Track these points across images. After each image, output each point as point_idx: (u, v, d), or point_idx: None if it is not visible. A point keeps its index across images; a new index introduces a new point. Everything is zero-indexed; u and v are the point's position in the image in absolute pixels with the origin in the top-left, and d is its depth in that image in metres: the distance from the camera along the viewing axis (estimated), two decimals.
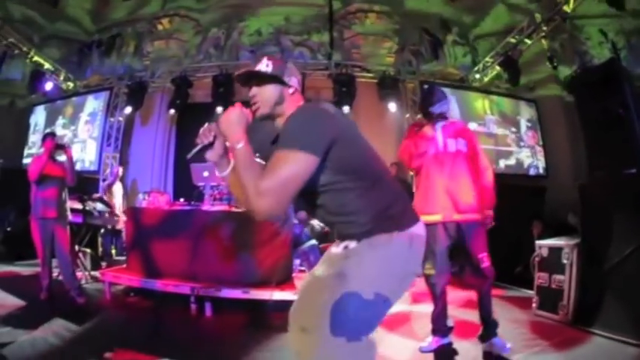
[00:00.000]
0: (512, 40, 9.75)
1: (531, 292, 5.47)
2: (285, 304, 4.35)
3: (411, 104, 10.72)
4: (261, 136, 2.06)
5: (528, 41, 9.48)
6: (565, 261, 4.84)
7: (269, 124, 2.03)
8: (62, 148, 5.61)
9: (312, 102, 2.12)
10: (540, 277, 5.26)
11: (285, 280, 5.20)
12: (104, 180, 10.86)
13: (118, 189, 9.61)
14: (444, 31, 11.78)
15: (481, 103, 10.94)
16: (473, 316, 4.21)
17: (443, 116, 3.98)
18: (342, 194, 1.86)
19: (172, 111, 10.97)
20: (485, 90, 11.22)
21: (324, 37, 11.81)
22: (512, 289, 6.68)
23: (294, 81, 1.97)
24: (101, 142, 11.27)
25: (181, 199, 7.16)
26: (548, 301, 4.99)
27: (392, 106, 10.36)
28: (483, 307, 3.77)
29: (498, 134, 10.75)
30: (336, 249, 1.98)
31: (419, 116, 4.49)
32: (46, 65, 11.91)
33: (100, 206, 7.73)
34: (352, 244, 1.86)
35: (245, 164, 1.70)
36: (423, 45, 11.69)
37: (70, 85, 12.63)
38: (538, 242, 5.44)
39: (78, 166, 10.75)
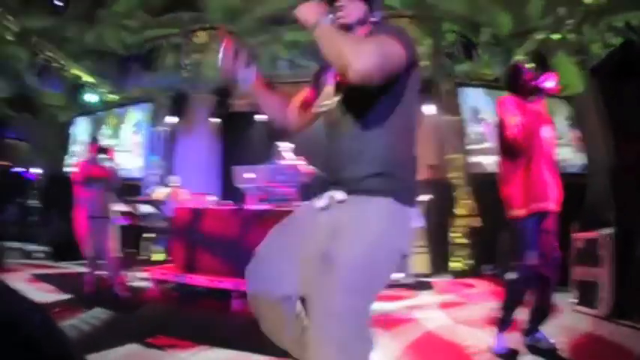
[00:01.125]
0: (540, 37, 9.82)
1: (568, 288, 5.43)
2: None
3: (447, 106, 10.85)
4: None
5: (555, 37, 9.54)
6: (601, 252, 4.72)
7: None
8: (105, 151, 6.18)
9: None
10: (577, 271, 5.25)
11: None
12: (151, 186, 11.53)
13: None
14: (475, 32, 11.98)
15: None
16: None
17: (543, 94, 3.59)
18: (378, 131, 1.84)
19: (214, 120, 11.65)
20: None
21: None
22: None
23: (377, 13, 1.99)
24: (146, 150, 12.26)
25: (226, 200, 7.50)
26: (587, 295, 4.94)
27: (429, 109, 10.43)
28: (546, 298, 3.63)
29: None
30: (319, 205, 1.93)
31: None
32: (86, 78, 12.87)
33: (146, 208, 8.45)
34: (339, 195, 1.84)
35: (336, 33, 1.72)
36: (456, 47, 11.91)
37: (112, 96, 13.53)
38: (574, 235, 5.37)
39: (124, 174, 11.72)
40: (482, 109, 10.88)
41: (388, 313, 5.24)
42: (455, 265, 9.71)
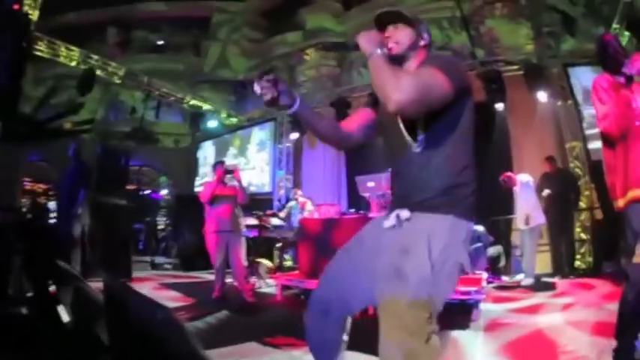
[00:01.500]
0: None
1: None
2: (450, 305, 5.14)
3: (559, 90, 9.98)
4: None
5: None
6: None
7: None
8: (230, 172, 6.70)
9: None
10: None
11: None
12: (279, 200, 12.48)
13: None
14: (572, 5, 11.53)
15: None
16: None
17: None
18: (439, 161, 1.98)
19: None
20: None
21: (462, 37, 12.54)
22: None
23: (426, 35, 2.10)
24: (272, 166, 13.08)
25: (351, 210, 7.75)
26: None
27: (542, 96, 9.82)
28: None
29: None
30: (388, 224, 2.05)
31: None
32: (205, 106, 14.01)
33: (275, 221, 8.99)
34: (405, 213, 1.97)
35: (386, 64, 1.81)
36: (556, 24, 11.63)
37: (233, 120, 14.69)
38: None
39: (254, 190, 12.91)
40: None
41: (498, 316, 5.18)
42: (577, 263, 9.05)
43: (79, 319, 2.59)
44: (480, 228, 8.07)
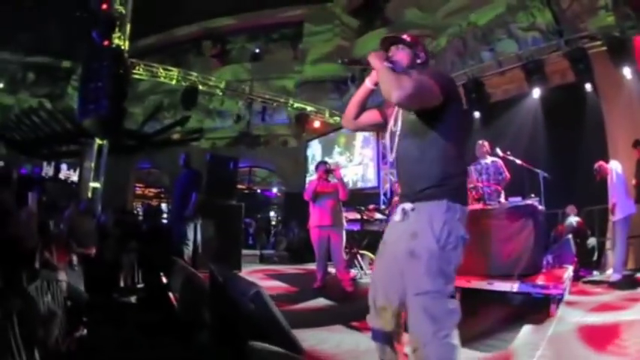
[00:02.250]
0: None
1: None
2: (526, 297, 5.21)
3: None
4: None
5: None
6: None
7: None
8: (332, 171, 7.11)
9: None
10: None
11: (528, 274, 5.30)
12: (384, 194, 12.98)
13: None
14: None
15: None
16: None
17: None
18: (433, 156, 2.34)
19: None
20: None
21: (547, 14, 12.59)
22: None
23: (422, 55, 2.53)
24: (377, 161, 13.50)
25: None
26: None
27: (627, 72, 8.97)
28: None
29: None
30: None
31: None
32: (309, 108, 15.04)
33: (377, 215, 9.29)
34: (408, 206, 2.33)
35: (389, 72, 2.20)
36: None
37: (337, 118, 15.46)
38: None
39: (360, 185, 13.69)
40: None
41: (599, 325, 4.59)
42: None
43: (186, 302, 3.43)
44: (574, 219, 8.31)
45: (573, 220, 8.27)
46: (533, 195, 6.13)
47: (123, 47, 10.51)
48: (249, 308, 2.25)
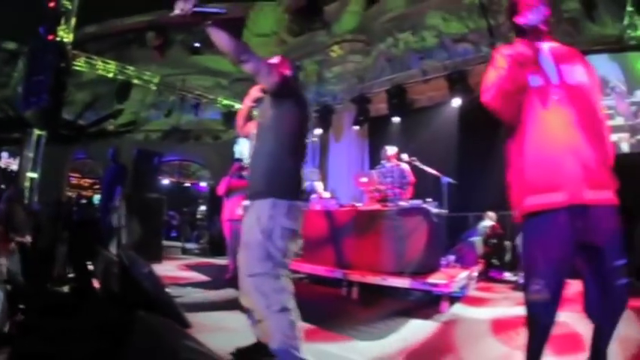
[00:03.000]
0: None
1: None
2: (412, 292, 5.85)
3: None
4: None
5: None
6: None
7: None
8: (245, 168, 7.44)
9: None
10: None
11: (420, 272, 5.70)
12: (305, 192, 13.27)
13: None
14: None
15: None
16: None
17: (543, 31, 2.44)
18: (265, 153, 2.86)
19: (355, 128, 12.95)
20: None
21: (482, 27, 12.74)
22: None
23: (287, 72, 3.02)
24: None
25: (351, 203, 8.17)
26: None
27: None
28: (597, 348, 2.28)
29: None
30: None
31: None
32: (237, 105, 15.05)
33: None
34: (245, 202, 3.05)
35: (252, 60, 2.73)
36: (576, 10, 11.55)
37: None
38: None
39: None
40: (610, 78, 9.06)
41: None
42: None
43: (104, 283, 3.90)
44: (488, 223, 8.61)
45: (487, 224, 8.58)
46: (430, 199, 6.52)
47: (67, 40, 10.70)
48: (145, 285, 2.78)
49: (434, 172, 7.29)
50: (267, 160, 2.85)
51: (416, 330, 4.38)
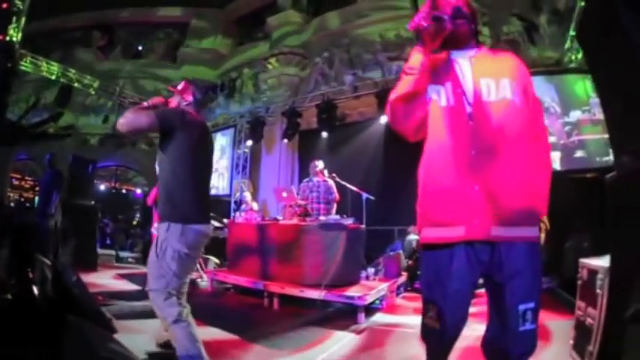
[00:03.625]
0: (582, 4, 8.01)
1: None
2: (332, 304, 6.10)
3: None
4: None
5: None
6: (598, 291, 3.22)
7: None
8: None
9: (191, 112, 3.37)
10: (579, 308, 3.62)
11: (336, 284, 5.95)
12: (235, 202, 13.51)
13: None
14: (535, 11, 11.76)
15: (582, 86, 9.21)
16: None
17: (464, 34, 2.10)
18: (164, 180, 3.16)
19: (285, 140, 12.96)
20: (582, 70, 8.96)
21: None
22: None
23: (188, 98, 3.41)
24: (231, 170, 14.08)
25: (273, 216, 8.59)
26: (582, 340, 3.52)
27: None
28: None
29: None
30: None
31: None
32: None
33: (215, 223, 9.35)
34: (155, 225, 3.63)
35: (139, 109, 3.11)
36: (518, 32, 11.91)
37: None
38: (582, 260, 3.80)
39: (214, 192, 14.00)
40: (544, 99, 9.18)
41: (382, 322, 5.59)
42: None
43: (43, 292, 3.82)
44: (414, 237, 8.65)
45: (412, 238, 8.69)
46: (345, 215, 6.78)
47: (15, 39, 10.58)
48: (75, 292, 3.05)
49: (354, 188, 7.47)
50: (164, 188, 3.15)
51: (336, 340, 4.57)
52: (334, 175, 7.52)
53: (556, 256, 7.36)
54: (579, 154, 8.98)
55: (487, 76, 2.00)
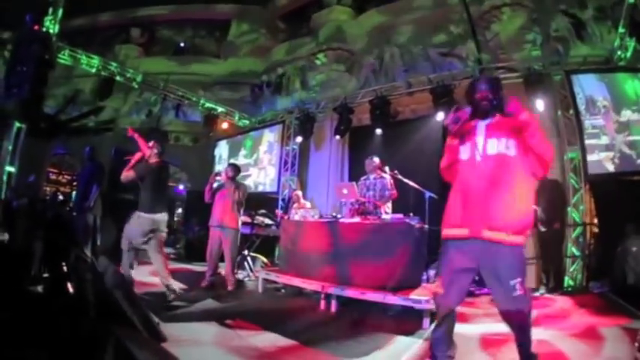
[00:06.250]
0: (631, 0, 8.71)
1: None
2: (391, 307, 5.70)
3: (561, 98, 9.54)
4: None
5: None
6: None
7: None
8: (219, 174, 7.81)
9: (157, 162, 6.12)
10: None
11: (402, 287, 5.60)
12: (283, 199, 13.20)
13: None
14: (582, 8, 11.62)
15: (631, 86, 9.13)
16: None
17: (488, 108, 3.24)
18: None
19: (338, 137, 12.51)
20: (631, 68, 9.27)
21: (469, 43, 12.97)
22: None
23: (155, 150, 6.03)
24: (279, 167, 13.71)
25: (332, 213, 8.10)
26: None
27: (540, 104, 9.29)
28: (520, 348, 3.13)
29: None
30: None
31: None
32: (219, 109, 15.00)
33: (266, 221, 9.40)
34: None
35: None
36: (565, 29, 11.75)
37: (246, 122, 15.60)
38: None
39: (260, 189, 14.06)
40: (597, 97, 9.18)
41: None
42: (567, 279, 8.59)
43: (79, 289, 3.56)
44: None
45: None
46: (412, 214, 6.47)
47: (52, 31, 10.39)
48: (119, 295, 2.66)
49: (416, 185, 7.11)
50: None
51: (402, 346, 4.38)
52: (396, 171, 7.29)
53: (607, 260, 7.66)
54: (631, 154, 8.70)
55: (493, 137, 3.17)
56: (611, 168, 8.80)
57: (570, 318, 5.89)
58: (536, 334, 3.10)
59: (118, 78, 12.92)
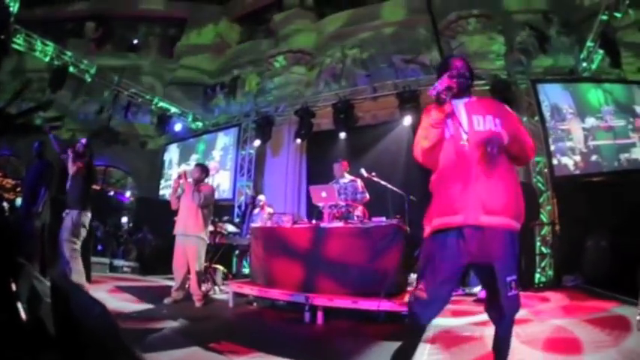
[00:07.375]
0: (604, 17, 9.39)
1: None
2: (392, 315, 5.23)
3: (526, 106, 10.31)
4: None
5: (618, 15, 9.21)
6: None
7: None
8: (181, 177, 7.11)
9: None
10: None
11: (393, 292, 5.36)
12: (239, 206, 12.66)
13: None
14: (547, 23, 12.26)
15: (594, 95, 9.93)
16: None
17: (465, 85, 2.87)
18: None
19: (299, 140, 12.24)
20: (595, 79, 10.23)
21: (433, 51, 13.01)
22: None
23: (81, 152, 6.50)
24: (234, 172, 13.11)
25: (304, 219, 7.80)
26: None
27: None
28: (497, 350, 2.80)
29: (617, 126, 9.64)
30: None
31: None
32: (173, 109, 14.30)
33: (230, 228, 9.03)
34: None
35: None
36: (529, 41, 12.20)
37: (199, 124, 14.97)
38: None
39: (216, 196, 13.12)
40: (562, 105, 9.94)
41: (452, 328, 5.03)
42: (537, 276, 9.02)
43: (32, 314, 2.71)
44: None
45: None
46: (398, 216, 6.16)
47: (12, 9, 9.49)
48: (94, 329, 1.73)
49: (395, 188, 7.06)
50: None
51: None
52: (374, 174, 7.09)
53: (577, 255, 7.95)
54: (594, 158, 9.56)
55: (476, 114, 2.82)
56: (577, 171, 9.61)
57: (568, 309, 5.94)
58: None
59: (71, 69, 12.11)
